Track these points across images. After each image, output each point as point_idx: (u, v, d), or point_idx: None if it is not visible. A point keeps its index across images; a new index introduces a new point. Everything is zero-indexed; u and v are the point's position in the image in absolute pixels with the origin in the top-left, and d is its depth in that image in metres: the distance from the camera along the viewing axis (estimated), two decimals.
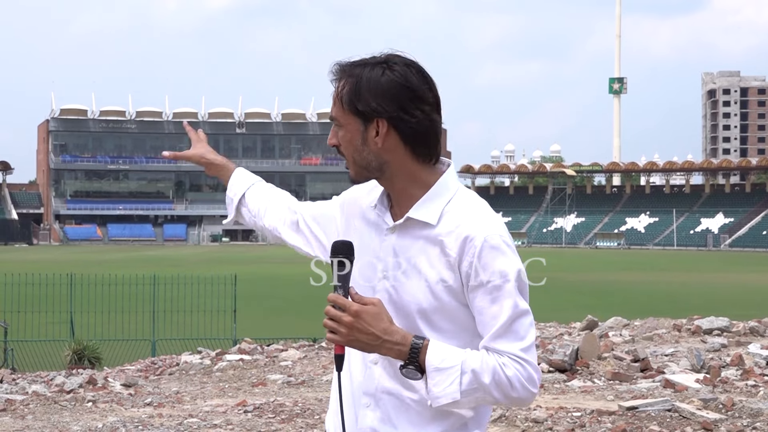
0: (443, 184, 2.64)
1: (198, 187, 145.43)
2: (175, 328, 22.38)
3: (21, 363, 19.84)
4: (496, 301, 2.52)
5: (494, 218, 2.60)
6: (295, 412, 9.26)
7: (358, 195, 2.80)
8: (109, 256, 75.76)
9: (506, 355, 2.51)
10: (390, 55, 2.62)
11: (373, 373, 2.64)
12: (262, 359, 13.56)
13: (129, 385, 11.50)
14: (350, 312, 2.50)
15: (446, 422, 2.59)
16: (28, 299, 23.30)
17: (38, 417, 9.35)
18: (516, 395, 2.50)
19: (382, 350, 2.53)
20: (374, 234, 2.68)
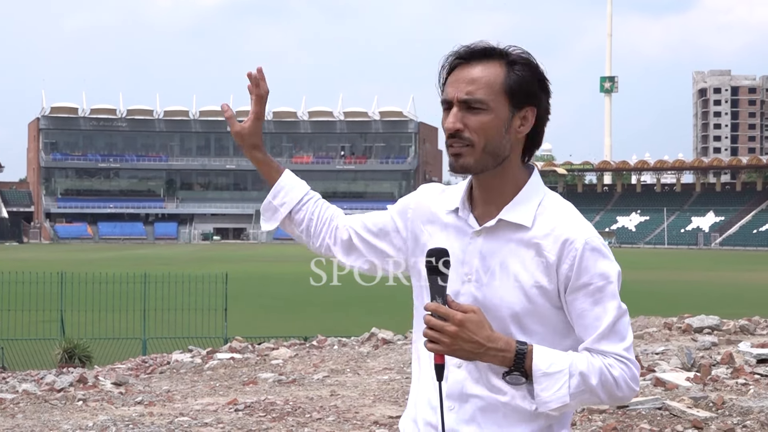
0: (534, 185, 2.61)
1: (189, 186, 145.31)
2: (166, 326, 22.36)
3: (11, 361, 19.80)
4: (598, 303, 2.51)
5: (586, 221, 2.58)
6: (286, 410, 9.25)
7: (425, 200, 2.72)
8: (100, 255, 75.63)
9: (611, 355, 2.50)
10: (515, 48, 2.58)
11: (456, 376, 2.59)
12: (253, 358, 13.54)
13: (120, 383, 11.47)
14: (454, 321, 2.44)
15: (534, 423, 2.56)
16: (18, 297, 23.25)
17: (28, 416, 9.33)
18: (621, 394, 2.51)
19: (485, 358, 2.48)
20: (455, 237, 2.61)
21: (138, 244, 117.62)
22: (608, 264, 2.54)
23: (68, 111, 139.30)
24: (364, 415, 9.12)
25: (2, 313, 22.31)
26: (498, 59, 2.55)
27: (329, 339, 15.33)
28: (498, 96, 2.53)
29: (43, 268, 27.70)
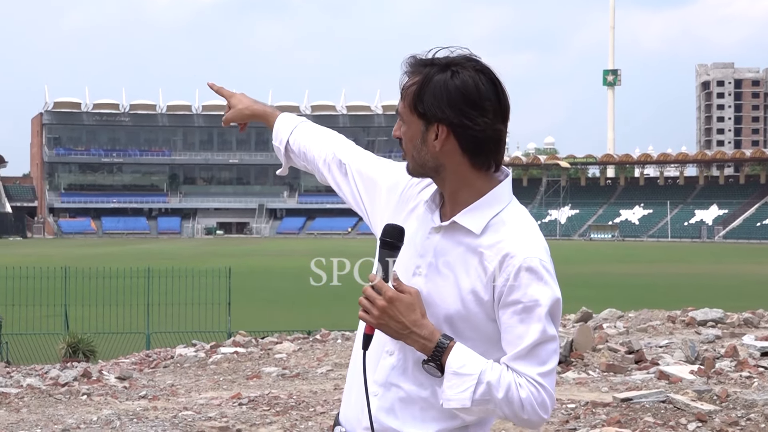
0: (495, 195, 2.61)
1: (192, 180, 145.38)
2: (170, 321, 22.38)
3: (15, 356, 19.82)
4: (523, 322, 2.51)
5: (538, 240, 2.57)
6: (290, 404, 9.26)
7: (413, 183, 2.78)
8: (104, 250, 75.69)
9: (524, 376, 2.50)
10: (462, 58, 2.58)
11: (386, 363, 2.64)
12: (256, 352, 13.56)
13: (124, 378, 11.49)
14: (385, 296, 2.51)
15: (449, 422, 2.59)
16: (22, 292, 23.27)
17: (33, 410, 9.34)
18: (526, 417, 2.50)
19: (408, 340, 2.53)
20: (420, 229, 2.66)
21: (141, 238, 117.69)
22: (542, 288, 2.52)
23: (71, 106, 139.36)
24: None
25: (6, 308, 22.33)
26: (419, 75, 2.59)
27: (333, 333, 15.34)
28: (409, 111, 2.60)
29: (47, 263, 27.74)
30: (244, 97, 3.27)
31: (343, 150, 3.03)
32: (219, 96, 3.30)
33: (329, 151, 3.05)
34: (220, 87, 3.34)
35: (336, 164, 3.01)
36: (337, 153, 3.02)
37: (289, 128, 3.17)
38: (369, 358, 2.63)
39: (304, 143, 3.12)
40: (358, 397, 2.67)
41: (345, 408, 2.79)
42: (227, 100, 3.28)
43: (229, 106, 3.27)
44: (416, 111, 2.58)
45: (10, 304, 22.60)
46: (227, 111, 3.28)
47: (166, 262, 37.58)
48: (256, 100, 3.26)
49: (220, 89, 3.33)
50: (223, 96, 3.30)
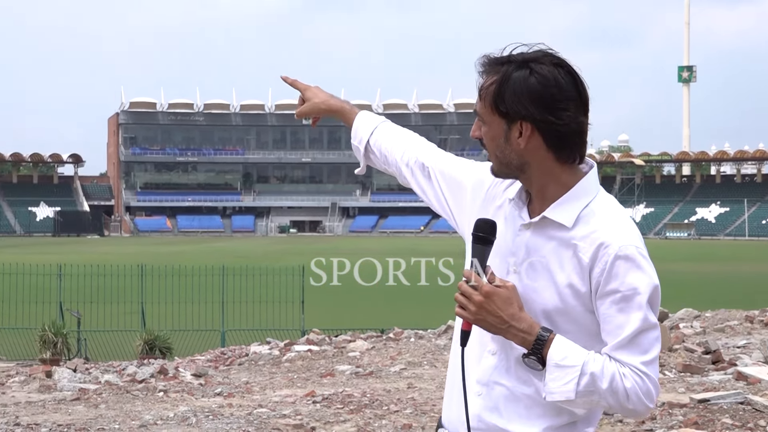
0: (583, 187, 2.61)
1: (266, 179, 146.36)
2: (244, 318, 22.56)
3: (94, 353, 20.13)
4: (623, 312, 2.49)
5: (632, 228, 2.56)
6: (363, 402, 9.29)
7: (498, 181, 2.77)
8: (179, 248, 76.56)
9: (627, 366, 2.48)
10: (538, 53, 2.58)
11: (487, 363, 2.64)
12: (330, 350, 13.62)
13: (199, 375, 11.62)
14: (482, 291, 2.51)
15: (556, 418, 2.58)
16: (100, 290, 23.64)
17: (111, 406, 9.48)
18: (631, 406, 2.49)
19: (507, 335, 2.53)
20: (509, 227, 2.65)
21: (216, 236, 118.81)
22: (640, 275, 2.50)
23: (147, 106, 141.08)
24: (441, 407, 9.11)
25: (85, 305, 22.69)
26: (496, 74, 2.58)
27: (406, 331, 15.35)
28: (490, 110, 2.59)
29: (124, 261, 28.14)
30: (319, 91, 3.25)
31: (425, 152, 3.02)
32: (292, 94, 3.28)
33: (411, 154, 3.03)
34: (294, 80, 3.32)
35: (419, 167, 2.99)
36: (420, 156, 3.01)
37: (369, 128, 3.15)
38: (469, 357, 2.62)
39: (385, 145, 3.10)
40: (460, 398, 2.66)
41: (447, 410, 2.80)
42: (302, 93, 3.25)
43: (304, 99, 3.24)
44: (497, 110, 2.57)
45: (88, 302, 22.96)
46: (300, 104, 3.26)
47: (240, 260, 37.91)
48: (332, 94, 3.24)
49: (294, 82, 3.30)
50: (297, 89, 3.27)
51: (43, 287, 23.58)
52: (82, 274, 23.39)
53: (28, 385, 11.25)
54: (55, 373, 11.64)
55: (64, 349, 18.99)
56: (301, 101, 3.26)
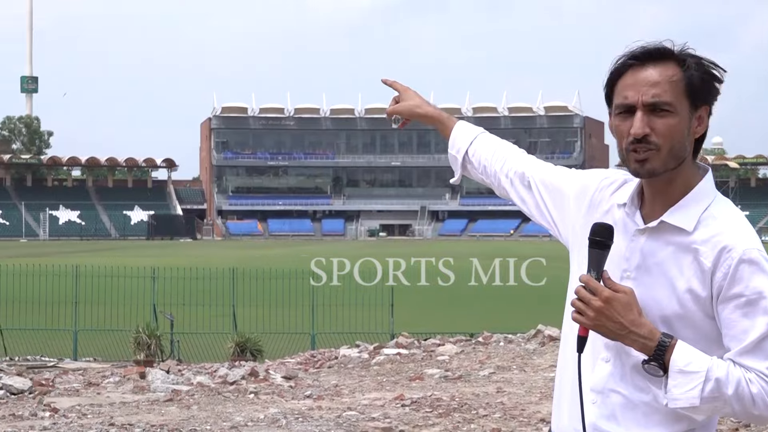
0: (703, 190, 2.57)
1: (355, 183, 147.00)
2: (334, 321, 22.65)
3: (186, 354, 20.41)
4: (748, 316, 2.44)
5: (752, 232, 2.52)
6: (452, 406, 9.28)
7: (602, 186, 2.73)
8: (270, 251, 77.25)
9: (753, 371, 2.42)
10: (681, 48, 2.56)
11: (602, 371, 2.60)
12: (419, 353, 13.63)
13: (289, 377, 11.71)
14: (601, 297, 2.45)
15: (675, 425, 2.53)
16: (192, 293, 23.96)
17: (203, 407, 9.61)
18: (757, 412, 2.43)
19: (626, 341, 2.48)
20: (621, 232, 2.59)
21: (306, 240, 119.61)
22: (764, 279, 2.44)
23: (238, 111, 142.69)
24: (530, 412, 9.06)
25: (177, 307, 23.02)
26: (672, 60, 2.53)
27: (495, 335, 15.29)
28: (680, 98, 2.51)
29: (216, 264, 28.49)
30: (416, 95, 3.24)
31: (523, 163, 2.99)
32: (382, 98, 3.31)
33: (510, 166, 3.00)
34: (393, 81, 3.31)
35: (518, 178, 2.97)
36: (519, 167, 2.98)
37: (468, 139, 3.14)
38: (582, 364, 2.57)
39: (484, 156, 3.08)
40: (571, 406, 2.62)
41: (557, 419, 2.76)
42: (400, 93, 3.24)
43: (399, 100, 3.24)
44: (690, 96, 2.52)
45: (181, 304, 23.29)
46: (393, 104, 3.26)
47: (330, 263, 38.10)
48: (428, 101, 3.24)
49: (393, 83, 3.30)
50: (396, 89, 3.27)
51: (137, 290, 23.99)
52: (175, 277, 23.73)
53: (122, 385, 11.45)
54: (149, 375, 11.83)
55: (157, 350, 19.30)
56: (394, 102, 3.26)
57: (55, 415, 9.32)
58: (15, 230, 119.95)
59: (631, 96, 2.52)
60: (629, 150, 2.53)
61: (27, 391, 11.02)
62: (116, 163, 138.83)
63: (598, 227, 2.53)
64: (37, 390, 11.15)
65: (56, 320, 22.74)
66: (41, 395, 10.78)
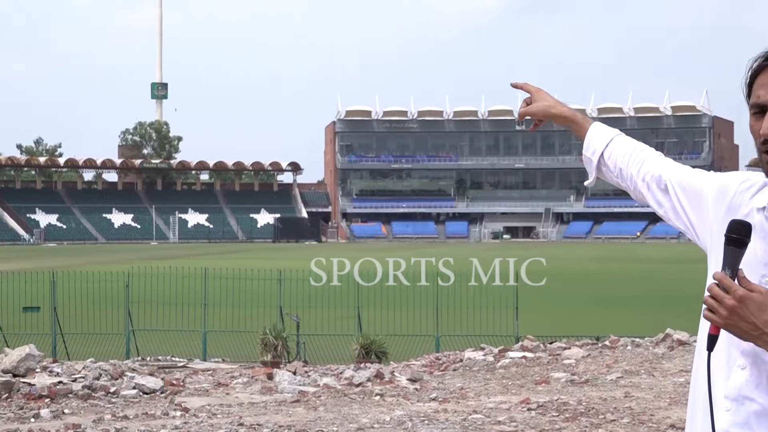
0: None
1: (479, 185, 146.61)
2: (458, 324, 22.61)
3: (312, 356, 20.62)
4: None
5: None
6: (579, 411, 9.17)
7: (742, 189, 2.68)
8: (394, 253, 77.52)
9: None
10: None
11: (737, 378, 2.53)
12: (544, 357, 13.52)
13: (415, 379, 11.74)
14: (735, 295, 2.37)
15: None
16: (318, 295, 24.20)
17: (329, 408, 9.69)
18: None
19: (758, 342, 2.40)
20: (759, 237, 2.53)
21: (430, 242, 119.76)
22: None
23: (362, 114, 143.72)
24: (659, 417, 8.90)
25: (303, 309, 23.26)
26: None
27: (622, 339, 15.08)
28: None
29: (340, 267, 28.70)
30: (548, 96, 3.22)
31: (660, 166, 2.94)
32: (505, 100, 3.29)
33: (647, 169, 2.96)
34: (524, 83, 3.30)
35: (655, 182, 2.92)
36: (655, 170, 2.93)
37: (604, 141, 3.10)
38: (716, 371, 2.51)
39: (620, 159, 3.04)
40: (705, 413, 2.55)
41: (690, 425, 2.70)
42: (532, 95, 3.23)
43: (531, 101, 3.23)
44: None
45: (306, 306, 23.54)
46: (524, 106, 3.24)
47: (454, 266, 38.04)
48: (560, 101, 3.21)
49: (524, 85, 3.28)
50: (527, 91, 3.25)
51: (264, 292, 24.34)
52: (300, 279, 24.00)
53: (250, 386, 11.64)
54: (276, 376, 11.99)
55: (283, 352, 19.57)
56: (525, 104, 3.24)
57: (186, 415, 9.52)
58: (146, 233, 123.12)
59: (762, 95, 2.47)
60: (761, 151, 2.48)
61: (159, 391, 11.28)
62: (243, 167, 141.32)
63: (735, 224, 2.46)
64: (168, 390, 11.41)
65: (186, 321, 23.23)
66: (172, 395, 11.03)
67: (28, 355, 12.77)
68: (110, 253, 75.53)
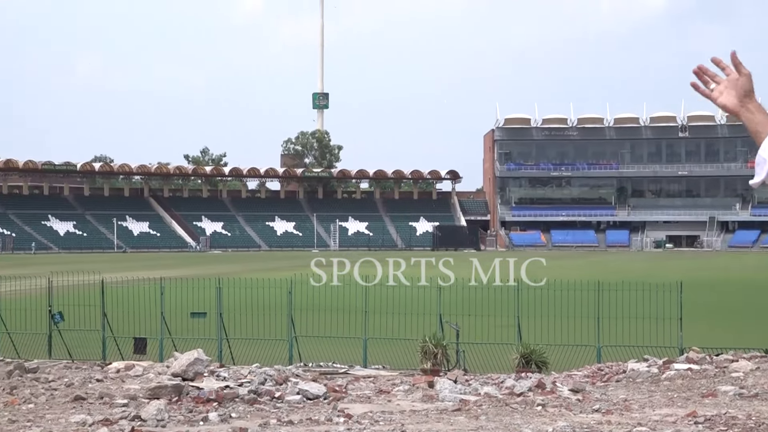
0: None
1: (640, 193, 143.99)
2: (620, 334, 22.24)
3: (471, 364, 20.62)
4: None
5: None
6: (749, 426, 8.92)
7: None
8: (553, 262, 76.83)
9: None
10: None
11: None
12: (711, 369, 13.19)
13: (576, 390, 11.61)
14: None
15: None
16: (477, 303, 24.18)
17: (491, 418, 9.67)
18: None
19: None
20: None
21: (589, 251, 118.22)
22: None
23: (521, 122, 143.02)
24: None
25: (463, 317, 23.28)
26: None
27: None
28: None
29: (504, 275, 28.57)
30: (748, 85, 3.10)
31: None
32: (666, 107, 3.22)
33: None
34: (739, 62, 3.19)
35: None
36: None
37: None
38: None
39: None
40: None
41: None
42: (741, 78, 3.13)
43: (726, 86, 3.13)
44: None
45: (466, 314, 23.55)
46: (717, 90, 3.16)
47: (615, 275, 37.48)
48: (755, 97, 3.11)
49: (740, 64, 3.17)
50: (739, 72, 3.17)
51: (424, 299, 24.44)
52: (459, 286, 24.01)
53: (411, 394, 11.70)
54: (437, 384, 12.03)
55: (443, 360, 19.61)
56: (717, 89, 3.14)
57: (349, 421, 9.64)
58: (307, 241, 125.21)
59: None
60: None
61: (322, 397, 11.46)
62: (402, 176, 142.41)
63: None
64: (331, 396, 11.58)
65: (347, 328, 23.53)
66: (335, 401, 11.19)
67: (196, 359, 13.16)
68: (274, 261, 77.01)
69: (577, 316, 23.20)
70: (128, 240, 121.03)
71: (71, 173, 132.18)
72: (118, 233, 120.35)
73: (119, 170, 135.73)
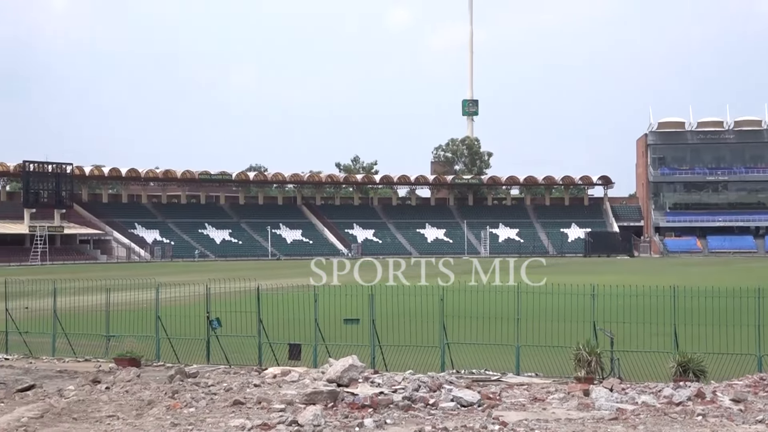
0: None
1: None
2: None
3: (626, 372, 20.25)
4: None
5: None
6: None
7: None
8: (710, 269, 74.92)
9: None
10: None
11: None
12: None
13: (738, 400, 11.30)
14: None
15: None
16: (631, 310, 23.75)
17: (649, 428, 9.50)
18: None
19: None
20: None
21: (748, 257, 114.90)
22: None
23: (675, 126, 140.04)
24: None
25: (617, 325, 22.90)
26: None
27: None
28: None
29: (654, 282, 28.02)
30: None
31: None
32: None
33: None
34: None
35: None
36: None
37: None
38: None
39: None
40: None
41: None
42: None
43: None
44: None
45: (620, 322, 23.16)
46: None
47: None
48: None
49: None
50: None
51: (577, 307, 24.13)
52: (614, 294, 23.62)
53: (566, 402, 11.58)
54: (593, 392, 11.88)
55: (597, 368, 19.31)
56: None
57: (504, 429, 9.60)
58: (458, 247, 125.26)
59: None
60: None
61: (476, 404, 11.44)
62: (553, 182, 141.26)
63: None
64: (485, 403, 11.54)
65: (499, 335, 23.40)
66: (490, 408, 11.15)
67: (351, 365, 13.30)
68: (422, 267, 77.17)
69: (735, 324, 22.56)
70: (282, 247, 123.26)
71: (227, 182, 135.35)
72: (272, 241, 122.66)
73: (273, 179, 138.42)
